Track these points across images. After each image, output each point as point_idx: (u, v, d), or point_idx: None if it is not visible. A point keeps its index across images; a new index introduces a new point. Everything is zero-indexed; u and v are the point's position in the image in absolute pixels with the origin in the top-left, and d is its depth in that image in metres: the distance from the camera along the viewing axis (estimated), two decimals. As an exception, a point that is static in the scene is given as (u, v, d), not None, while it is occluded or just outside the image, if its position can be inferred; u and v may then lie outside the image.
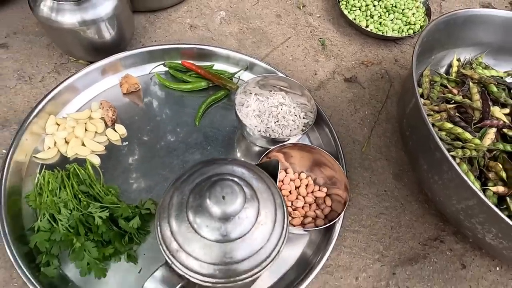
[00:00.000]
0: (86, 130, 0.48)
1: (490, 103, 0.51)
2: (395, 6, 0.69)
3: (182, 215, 0.25)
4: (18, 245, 0.37)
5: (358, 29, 0.68)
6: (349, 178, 0.50)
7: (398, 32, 0.68)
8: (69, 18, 0.49)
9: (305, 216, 0.43)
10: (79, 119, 0.48)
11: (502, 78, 0.57)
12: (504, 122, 0.49)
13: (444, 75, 0.56)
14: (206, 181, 0.25)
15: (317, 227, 0.41)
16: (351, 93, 0.59)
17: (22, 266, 0.36)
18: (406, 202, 0.49)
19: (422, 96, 0.54)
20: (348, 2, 0.70)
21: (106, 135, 0.48)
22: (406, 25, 0.69)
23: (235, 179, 0.25)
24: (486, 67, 0.58)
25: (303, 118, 0.51)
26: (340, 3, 0.70)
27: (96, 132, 0.48)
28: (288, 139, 0.46)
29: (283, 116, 0.50)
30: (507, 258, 0.40)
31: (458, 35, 0.55)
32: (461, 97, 0.51)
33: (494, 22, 0.54)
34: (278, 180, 0.32)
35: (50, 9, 0.49)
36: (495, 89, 0.53)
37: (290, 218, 0.42)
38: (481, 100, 0.50)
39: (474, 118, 0.49)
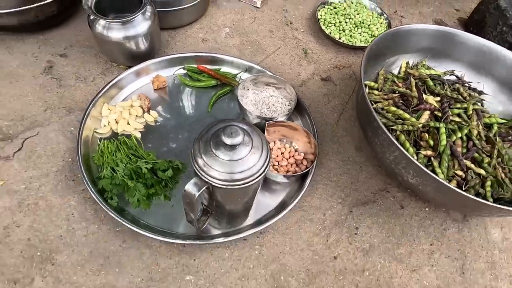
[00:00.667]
0: (130, 114, 0.66)
1: (426, 93, 0.69)
2: (363, 23, 0.88)
3: (207, 147, 0.42)
4: (92, 187, 0.55)
5: (333, 41, 0.86)
6: (322, 149, 0.68)
7: (365, 43, 0.86)
8: (116, 34, 0.68)
9: (287, 171, 0.61)
10: (124, 106, 0.66)
11: (439, 75, 0.75)
12: (435, 106, 0.67)
13: (394, 73, 0.75)
14: (222, 127, 0.43)
15: (294, 175, 0.58)
16: (325, 89, 0.78)
17: (96, 199, 0.54)
18: (363, 165, 0.67)
19: (377, 89, 0.72)
20: (326, 20, 0.89)
21: (144, 118, 0.66)
22: (371, 37, 0.87)
23: (239, 125, 0.43)
24: (428, 68, 0.76)
25: (288, 105, 0.69)
26: (319, 21, 0.88)
27: (136, 115, 0.66)
28: (276, 119, 0.64)
29: (272, 104, 0.68)
30: (423, 192, 0.57)
31: (403, 44, 0.74)
32: (404, 88, 0.69)
33: (428, 34, 0.72)
34: (268, 145, 0.49)
35: (103, 27, 0.67)
36: (431, 83, 0.71)
37: (276, 172, 0.60)
38: (416, 90, 0.68)
39: (412, 103, 0.67)
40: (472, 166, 0.62)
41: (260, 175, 0.44)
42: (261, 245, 0.55)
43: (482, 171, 0.62)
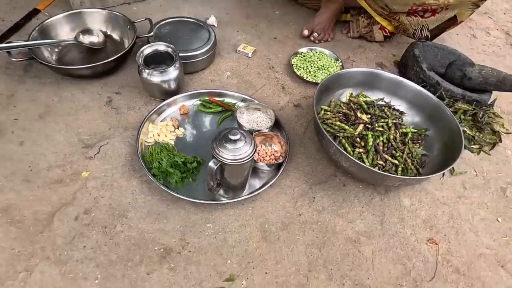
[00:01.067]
0: (166, 130, 1.00)
1: (362, 113, 1.05)
2: (323, 66, 1.25)
3: (220, 141, 0.76)
4: (149, 172, 0.88)
5: (302, 79, 1.23)
6: (292, 150, 1.02)
7: (325, 80, 1.23)
8: (156, 78, 1.04)
9: (269, 164, 0.95)
10: (162, 125, 1.01)
11: (372, 101, 1.11)
12: (366, 121, 1.02)
13: (342, 101, 1.10)
14: (228, 130, 0.77)
15: (273, 164, 0.92)
16: (296, 112, 1.13)
17: (152, 178, 0.87)
18: (321, 160, 1.01)
19: (329, 111, 1.07)
20: (297, 65, 1.26)
21: (175, 132, 1.01)
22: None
23: (239, 130, 0.78)
24: (365, 96, 1.12)
25: (269, 123, 1.03)
26: (293, 65, 1.26)
27: (170, 131, 1.01)
28: (261, 131, 0.99)
29: (259, 122, 1.03)
30: (351, 172, 0.90)
31: (346, 81, 1.10)
32: (346, 110, 1.05)
33: (361, 73, 1.09)
34: (255, 142, 0.84)
35: (148, 74, 1.03)
36: (365, 106, 1.06)
37: (262, 163, 0.94)
38: (353, 111, 1.03)
39: (351, 119, 1.03)
40: (389, 158, 0.96)
41: (250, 157, 0.78)
42: (253, 207, 0.88)
43: (396, 162, 0.96)
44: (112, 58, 1.08)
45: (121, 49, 1.14)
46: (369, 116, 1.04)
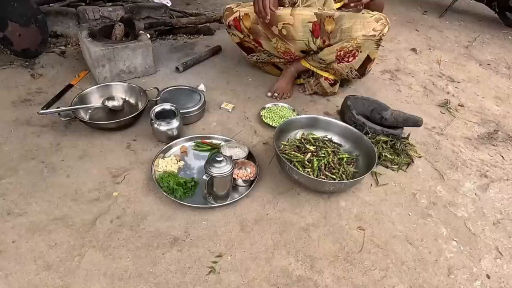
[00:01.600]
0: (171, 162, 1.41)
1: (309, 145, 1.48)
2: (284, 116, 1.72)
3: (210, 162, 1.17)
4: (161, 189, 1.27)
5: (269, 125, 1.68)
6: (262, 173, 1.42)
7: (286, 125, 1.69)
8: (163, 128, 1.47)
9: (244, 180, 1.35)
10: (168, 160, 1.42)
11: (318, 137, 1.55)
12: (313, 150, 1.45)
13: (296, 139, 1.55)
14: (216, 155, 1.18)
15: (247, 180, 1.32)
16: (265, 148, 1.56)
17: (163, 192, 1.26)
18: (283, 179, 1.41)
19: (287, 145, 1.50)
20: (265, 115, 1.72)
21: (178, 164, 1.41)
22: (289, 122, 1.70)
23: (222, 154, 1.19)
24: (313, 134, 1.57)
25: (244, 154, 1.45)
26: (262, 116, 1.71)
27: (174, 163, 1.41)
28: (239, 159, 1.40)
29: (238, 154, 1.45)
30: (302, 183, 1.30)
31: (297, 125, 1.56)
32: (298, 143, 1.48)
33: (307, 119, 1.55)
34: (233, 162, 1.25)
35: (157, 125, 1.47)
36: (312, 140, 1.51)
37: (240, 180, 1.34)
38: (303, 145, 1.47)
39: (302, 150, 1.46)
40: (329, 174, 1.38)
41: (230, 172, 1.18)
42: (234, 210, 1.27)
43: (334, 176, 1.38)
44: (131, 116, 1.52)
45: (137, 109, 1.59)
46: (315, 147, 1.48)
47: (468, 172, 1.58)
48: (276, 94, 1.86)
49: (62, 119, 1.48)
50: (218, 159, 1.18)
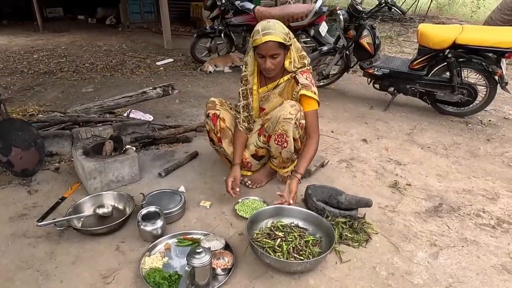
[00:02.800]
0: (156, 259, 1.57)
1: (278, 232, 1.70)
2: (255, 208, 1.96)
3: (191, 254, 1.36)
4: (148, 284, 1.41)
5: (243, 217, 1.90)
6: (238, 260, 1.60)
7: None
8: (149, 228, 1.67)
9: (223, 269, 1.51)
10: (154, 257, 1.58)
11: (286, 224, 1.77)
12: (282, 236, 1.66)
13: (266, 227, 1.77)
14: (196, 247, 1.37)
15: (225, 269, 1.49)
16: (240, 237, 1.76)
17: (150, 287, 1.40)
18: (257, 265, 1.59)
19: (259, 234, 1.71)
20: (239, 209, 1.95)
21: (162, 261, 1.57)
22: (264, 202, 1.94)
23: (202, 247, 1.38)
24: (281, 221, 1.79)
25: (222, 245, 1.64)
26: (236, 210, 1.94)
27: (159, 260, 1.57)
28: (217, 250, 1.59)
29: (216, 246, 1.64)
30: (273, 266, 1.48)
31: (267, 214, 1.79)
32: (269, 231, 1.70)
33: (275, 208, 1.80)
34: (211, 253, 1.44)
35: (143, 226, 1.67)
36: (280, 227, 1.73)
37: (219, 269, 1.50)
38: (273, 233, 1.69)
39: (273, 236, 1.67)
40: (297, 256, 1.57)
41: (209, 261, 1.37)
42: (215, 298, 1.41)
43: (302, 257, 1.57)
44: (119, 221, 1.72)
45: (125, 214, 1.80)
46: (283, 233, 1.70)
47: (420, 243, 1.81)
48: (249, 182, 2.15)
49: (58, 229, 1.66)
50: (198, 250, 1.37)
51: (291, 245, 1.61)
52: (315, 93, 1.97)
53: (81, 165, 2.02)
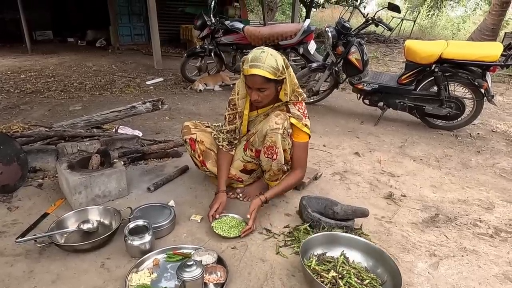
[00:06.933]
0: (144, 276, 1.47)
1: (331, 271, 1.62)
2: (233, 226, 1.88)
3: (181, 268, 1.27)
4: (133, 302, 1.31)
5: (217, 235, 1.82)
6: (230, 275, 1.51)
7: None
8: (136, 242, 1.57)
9: (215, 284, 1.42)
10: (141, 274, 1.48)
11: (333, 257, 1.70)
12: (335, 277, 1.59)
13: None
14: (187, 260, 1.29)
15: (218, 284, 1.40)
16: (234, 252, 1.68)
17: (135, 307, 1.30)
18: (251, 281, 1.50)
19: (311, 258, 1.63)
20: (216, 227, 1.88)
21: (150, 277, 1.48)
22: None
23: (193, 260, 1.30)
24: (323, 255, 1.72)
25: (214, 260, 1.56)
26: (213, 227, 1.86)
27: (147, 276, 1.48)
28: (209, 264, 1.50)
29: (207, 260, 1.55)
30: None
31: (314, 243, 1.72)
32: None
33: (322, 236, 1.73)
34: (203, 267, 1.35)
35: (131, 240, 1.58)
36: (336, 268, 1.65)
37: (211, 284, 1.41)
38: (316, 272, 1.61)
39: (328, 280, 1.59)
40: None
41: (200, 275, 1.29)
42: (207, 315, 1.31)
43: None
44: (104, 235, 1.63)
45: (110, 229, 1.71)
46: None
47: (419, 253, 1.75)
48: (240, 195, 2.10)
49: (38, 245, 1.55)
50: (189, 264, 1.29)
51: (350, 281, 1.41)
52: (306, 126, 1.87)
53: (65, 180, 1.94)
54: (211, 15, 4.86)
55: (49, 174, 2.28)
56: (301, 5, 11.32)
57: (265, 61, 1.66)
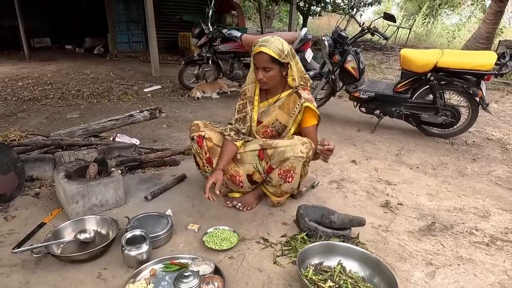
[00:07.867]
0: (142, 286, 1.47)
1: (327, 281, 1.62)
2: (225, 238, 1.89)
3: (179, 279, 1.27)
4: (130, 314, 1.31)
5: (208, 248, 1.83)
6: (229, 287, 1.51)
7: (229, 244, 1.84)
8: (133, 252, 1.57)
9: (213, 295, 1.42)
10: (138, 284, 1.48)
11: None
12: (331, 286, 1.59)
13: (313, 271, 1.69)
14: (184, 271, 1.29)
15: (216, 295, 1.40)
16: (231, 261, 1.67)
17: (132, 318, 1.29)
18: (248, 289, 1.50)
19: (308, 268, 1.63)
20: (208, 240, 1.87)
21: (148, 287, 1.48)
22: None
23: (190, 270, 1.30)
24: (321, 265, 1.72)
25: (211, 269, 1.56)
26: (205, 242, 1.86)
27: (144, 287, 1.47)
28: (206, 274, 1.50)
29: (205, 270, 1.55)
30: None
31: (311, 252, 1.72)
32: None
33: (320, 245, 1.74)
34: (200, 277, 1.35)
35: (128, 250, 1.57)
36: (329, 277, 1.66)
37: (208, 295, 1.41)
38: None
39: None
40: None
41: (197, 286, 1.29)
42: (204, 326, 1.31)
43: None
44: (101, 246, 1.63)
45: (107, 239, 1.70)
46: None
47: (416, 262, 1.76)
48: (239, 205, 2.09)
49: (35, 256, 1.55)
50: (186, 274, 1.29)
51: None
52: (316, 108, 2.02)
53: (62, 189, 1.93)
54: (209, 24, 4.91)
55: (46, 183, 2.28)
56: (298, 13, 11.44)
57: (273, 42, 1.84)
